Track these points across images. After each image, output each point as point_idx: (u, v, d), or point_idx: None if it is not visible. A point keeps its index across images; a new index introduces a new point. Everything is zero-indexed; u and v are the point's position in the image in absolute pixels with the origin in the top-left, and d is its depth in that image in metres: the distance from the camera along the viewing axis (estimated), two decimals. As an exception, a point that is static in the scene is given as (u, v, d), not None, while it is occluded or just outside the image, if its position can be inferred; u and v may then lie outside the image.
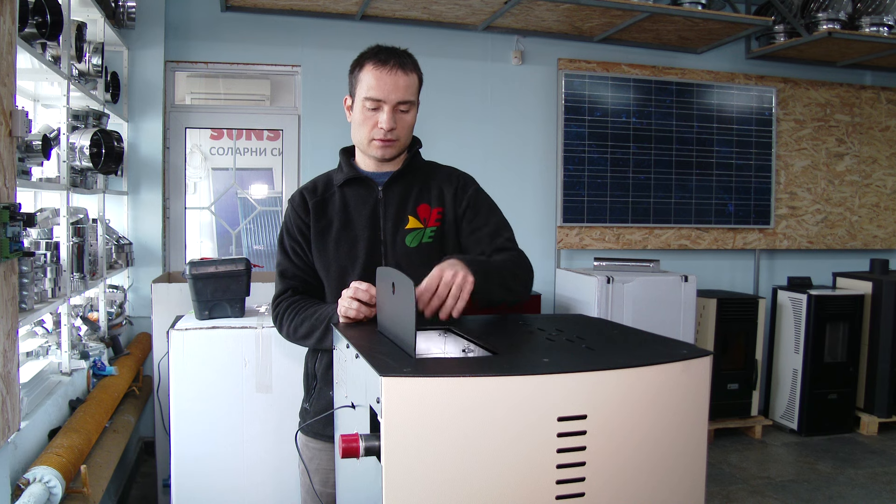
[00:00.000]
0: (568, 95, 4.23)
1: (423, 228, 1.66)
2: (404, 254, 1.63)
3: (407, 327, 1.09)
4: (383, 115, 1.58)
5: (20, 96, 2.47)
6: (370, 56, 1.60)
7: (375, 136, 1.61)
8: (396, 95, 1.58)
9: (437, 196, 1.70)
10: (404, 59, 1.60)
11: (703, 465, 1.10)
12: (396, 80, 1.57)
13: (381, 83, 1.57)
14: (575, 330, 1.36)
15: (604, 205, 4.32)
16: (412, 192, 1.68)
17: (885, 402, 4.22)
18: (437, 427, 0.93)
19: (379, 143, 1.61)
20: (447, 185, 1.72)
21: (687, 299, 3.81)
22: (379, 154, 1.64)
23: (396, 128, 1.60)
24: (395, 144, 1.63)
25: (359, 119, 1.63)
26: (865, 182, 4.89)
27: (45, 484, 1.81)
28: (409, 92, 1.60)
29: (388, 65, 1.57)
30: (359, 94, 1.61)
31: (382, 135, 1.59)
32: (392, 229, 1.65)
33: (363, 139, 1.63)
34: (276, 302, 1.66)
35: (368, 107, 1.59)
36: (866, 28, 4.19)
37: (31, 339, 2.58)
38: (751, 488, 3.40)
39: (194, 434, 2.26)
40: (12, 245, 1.64)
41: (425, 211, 1.68)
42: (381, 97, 1.57)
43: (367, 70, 1.59)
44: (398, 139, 1.62)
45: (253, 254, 4.67)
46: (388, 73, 1.57)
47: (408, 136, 1.66)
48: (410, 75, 1.60)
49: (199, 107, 4.06)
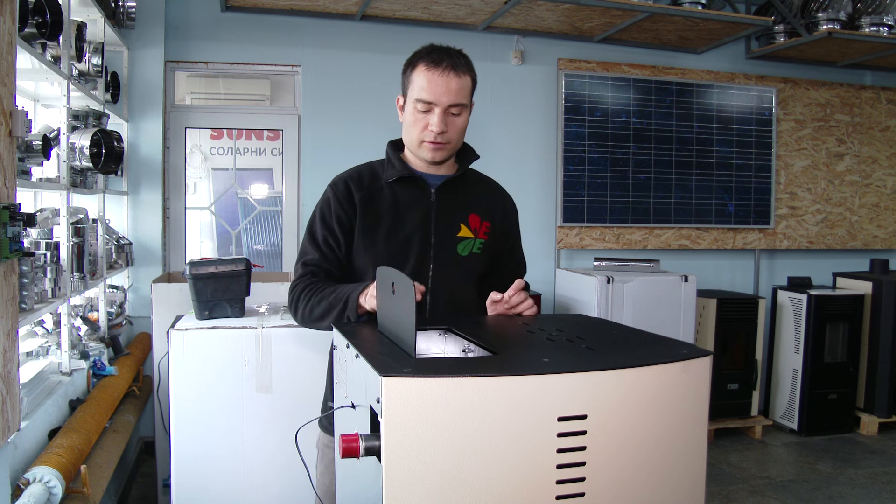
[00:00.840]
0: (568, 95, 4.23)
1: (473, 238, 1.66)
2: (454, 261, 1.63)
3: (407, 327, 1.09)
4: (434, 118, 1.56)
5: (20, 96, 2.47)
6: (423, 56, 1.58)
7: (426, 139, 1.58)
8: (448, 98, 1.55)
9: (487, 210, 1.70)
10: (457, 60, 1.57)
11: (703, 465, 1.10)
12: (448, 83, 1.54)
13: (433, 85, 1.54)
14: (575, 330, 1.36)
15: (604, 205, 4.31)
16: (465, 200, 1.67)
17: (885, 402, 4.22)
18: (437, 427, 0.93)
19: (430, 146, 1.59)
20: (497, 202, 1.74)
21: (687, 299, 3.81)
22: (429, 156, 1.61)
23: (448, 131, 1.57)
24: (447, 147, 1.61)
25: (410, 120, 1.60)
26: (865, 182, 4.89)
27: (45, 484, 1.80)
28: (462, 95, 1.57)
29: (440, 66, 1.54)
30: (410, 95, 1.59)
31: (433, 137, 1.57)
32: (444, 234, 1.64)
33: (414, 140, 1.61)
34: (293, 286, 1.62)
35: (420, 108, 1.56)
36: (866, 28, 4.19)
37: (31, 339, 2.58)
38: (751, 488, 3.40)
39: (194, 434, 2.26)
40: (12, 245, 1.64)
41: (476, 221, 1.68)
42: (433, 99, 1.55)
43: (419, 71, 1.57)
44: (449, 142, 1.60)
45: (253, 254, 4.67)
46: (441, 75, 1.54)
47: (459, 138, 1.63)
48: (463, 77, 1.57)
49: (199, 107, 4.06)
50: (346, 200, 1.63)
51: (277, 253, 4.19)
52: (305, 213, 3.98)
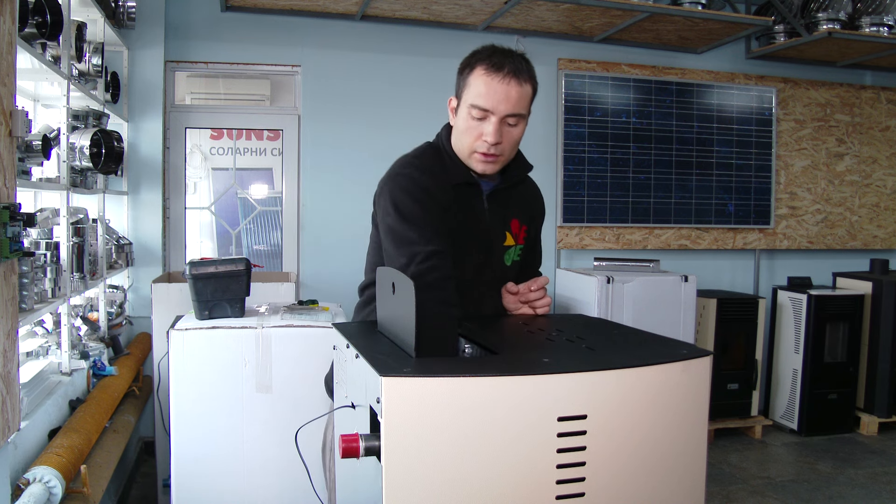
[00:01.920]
0: (568, 95, 4.23)
1: (515, 246, 1.61)
2: (502, 271, 1.59)
3: (407, 327, 1.09)
4: (489, 127, 1.44)
5: (20, 96, 2.47)
6: (483, 58, 1.45)
7: (478, 149, 1.48)
8: (506, 107, 1.43)
9: (527, 213, 1.65)
10: (520, 66, 1.45)
11: (703, 465, 1.10)
12: (508, 91, 1.42)
13: (491, 91, 1.42)
14: (575, 330, 1.36)
15: (604, 205, 4.31)
16: (510, 206, 1.60)
17: (885, 402, 4.22)
18: (437, 427, 0.93)
19: (480, 157, 1.49)
20: (535, 204, 1.69)
21: (687, 299, 3.81)
22: (479, 168, 1.51)
23: (502, 142, 1.46)
24: (499, 160, 1.50)
25: (462, 126, 1.49)
26: (865, 182, 4.89)
27: (45, 484, 1.80)
28: (521, 104, 1.45)
29: (501, 72, 1.42)
30: (465, 99, 1.47)
31: (486, 148, 1.46)
32: (494, 244, 1.58)
33: (464, 148, 1.51)
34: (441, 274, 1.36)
35: (474, 115, 1.45)
36: (866, 28, 4.19)
37: (31, 339, 2.58)
38: (751, 488, 3.40)
39: (194, 434, 2.26)
40: (12, 245, 1.64)
41: (516, 227, 1.62)
42: (490, 107, 1.43)
43: (477, 74, 1.45)
44: (502, 154, 1.49)
45: (253, 254, 4.67)
46: (501, 82, 1.42)
47: (513, 150, 1.52)
48: (524, 86, 1.45)
49: (199, 107, 4.06)
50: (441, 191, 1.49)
51: (277, 253, 4.19)
52: (305, 213, 3.99)
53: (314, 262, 3.97)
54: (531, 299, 1.52)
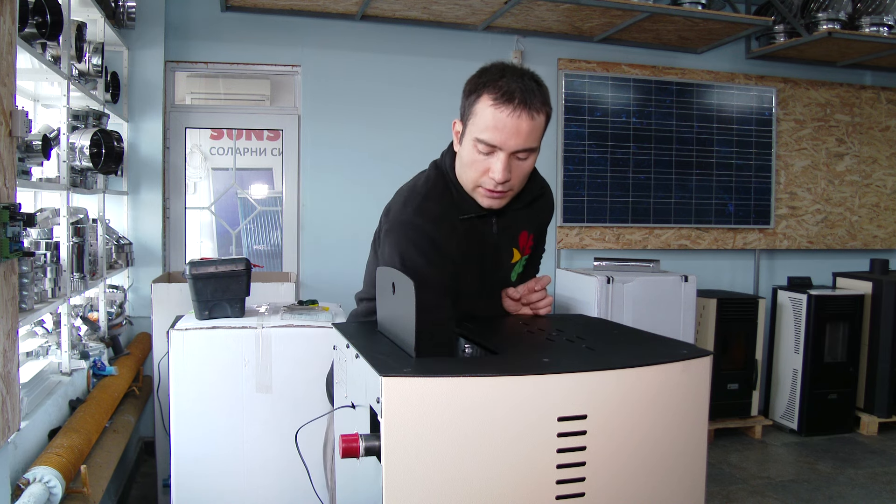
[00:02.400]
0: (568, 95, 4.23)
1: (521, 259, 1.57)
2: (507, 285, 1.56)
3: (407, 327, 1.09)
4: (497, 164, 1.32)
5: (20, 96, 2.47)
6: (491, 85, 1.31)
7: (484, 185, 1.37)
8: (516, 142, 1.30)
9: (535, 221, 1.58)
10: (532, 95, 1.30)
11: (703, 465, 1.10)
12: (519, 125, 1.29)
13: (500, 126, 1.29)
14: (575, 330, 1.36)
15: (604, 205, 4.31)
16: (518, 220, 1.52)
17: (885, 402, 4.22)
18: (437, 427, 0.93)
19: (486, 193, 1.38)
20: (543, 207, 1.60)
21: (687, 299, 3.81)
22: (485, 204, 1.41)
23: (511, 178, 1.35)
24: (506, 196, 1.40)
25: (467, 159, 1.37)
26: (865, 182, 4.89)
27: (45, 484, 1.80)
28: (532, 138, 1.32)
29: (511, 104, 1.28)
30: (471, 130, 1.34)
31: (493, 185, 1.35)
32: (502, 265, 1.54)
33: (469, 182, 1.40)
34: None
35: (481, 149, 1.33)
36: (866, 28, 4.19)
37: (31, 339, 2.58)
38: (751, 488, 3.40)
39: (194, 434, 2.26)
40: (12, 245, 1.64)
41: (524, 239, 1.56)
42: (498, 143, 1.31)
43: (484, 103, 1.31)
44: (510, 189, 1.39)
45: (253, 254, 4.67)
46: (511, 115, 1.29)
47: (522, 183, 1.41)
48: (537, 118, 1.31)
49: (199, 107, 4.05)
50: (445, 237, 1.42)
51: (277, 253, 4.19)
52: (305, 213, 3.99)
53: (314, 262, 3.97)
54: (533, 300, 1.50)
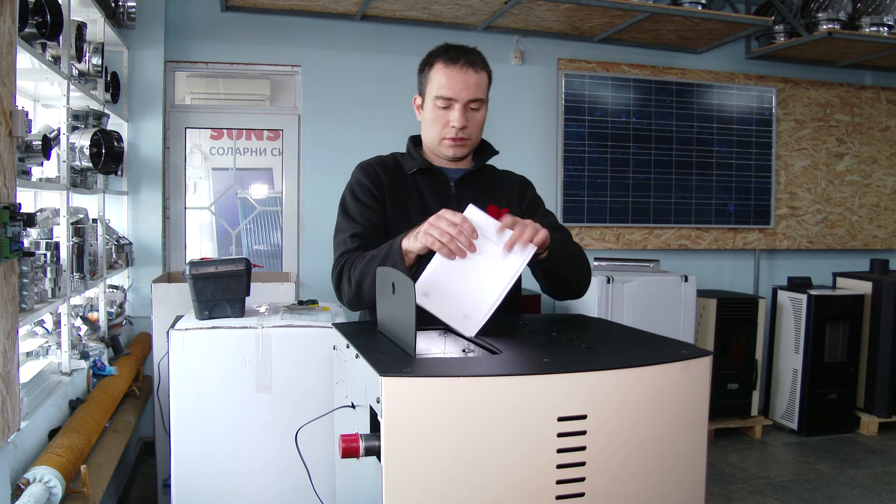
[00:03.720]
0: (568, 95, 4.23)
1: None
2: None
3: (407, 327, 1.09)
4: (455, 114, 1.59)
5: (20, 96, 2.47)
6: (440, 55, 1.62)
7: (447, 136, 1.62)
8: (468, 93, 1.59)
9: (505, 197, 1.74)
10: (474, 56, 1.62)
11: (703, 465, 1.10)
12: (467, 78, 1.59)
13: (452, 81, 1.58)
14: (575, 330, 1.36)
15: (604, 205, 4.31)
16: (482, 192, 1.71)
17: (885, 402, 4.21)
18: (437, 427, 0.93)
19: (450, 143, 1.63)
20: (513, 188, 1.79)
21: (687, 299, 3.81)
22: (451, 153, 1.65)
23: (468, 126, 1.61)
24: (467, 143, 1.65)
25: (430, 118, 1.64)
26: (865, 182, 4.89)
27: (45, 484, 1.80)
28: (480, 89, 1.62)
29: (458, 63, 1.59)
30: (429, 93, 1.62)
31: (454, 133, 1.61)
32: None
33: (434, 138, 1.65)
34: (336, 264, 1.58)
35: (440, 105, 1.60)
36: (866, 28, 4.19)
37: (31, 339, 2.58)
38: (751, 488, 3.40)
39: (194, 434, 2.25)
40: (12, 245, 1.64)
41: (494, 211, 1.63)
42: (453, 95, 1.58)
43: (437, 69, 1.60)
44: (470, 137, 1.64)
45: (253, 254, 4.67)
46: (459, 71, 1.58)
47: (478, 134, 1.68)
48: (481, 73, 1.62)
49: (199, 107, 4.05)
50: (376, 184, 1.65)
51: (277, 253, 4.19)
52: (305, 213, 3.99)
53: (314, 262, 3.97)
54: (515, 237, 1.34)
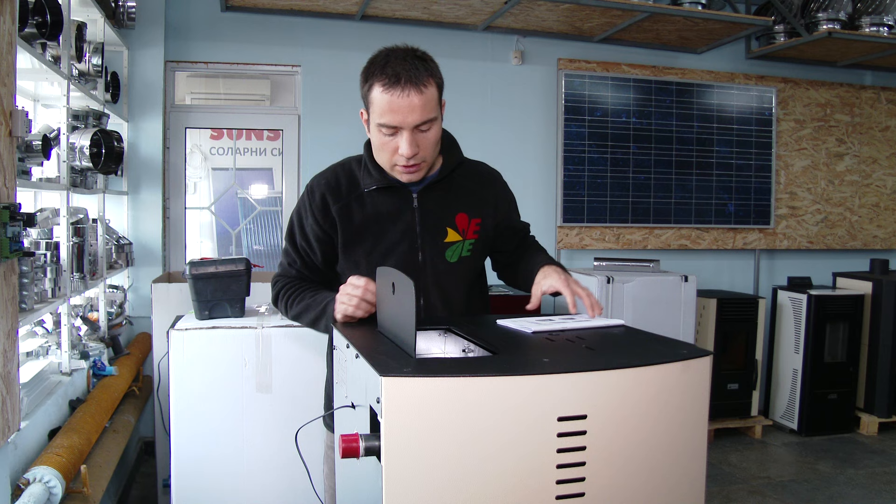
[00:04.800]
0: (568, 95, 4.23)
1: (462, 241, 1.55)
2: (445, 270, 1.53)
3: (407, 327, 1.09)
4: (402, 142, 1.40)
5: (20, 96, 2.47)
6: (378, 73, 1.40)
7: (398, 163, 1.44)
8: (413, 118, 1.38)
9: (477, 204, 1.57)
10: (416, 71, 1.37)
11: (703, 465, 1.10)
12: (411, 102, 1.36)
13: (395, 107, 1.37)
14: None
15: (604, 205, 4.31)
16: (449, 200, 1.55)
17: (885, 402, 4.21)
18: (437, 427, 0.93)
19: (402, 169, 1.46)
20: (487, 192, 1.61)
21: (687, 299, 3.81)
22: (405, 179, 1.48)
23: (420, 150, 1.42)
24: (422, 167, 1.47)
25: (377, 143, 1.46)
26: (865, 182, 4.89)
27: (45, 484, 1.80)
28: (428, 109, 1.40)
29: (398, 85, 1.36)
30: (372, 118, 1.43)
31: (405, 161, 1.43)
32: (431, 243, 1.52)
33: (386, 164, 1.48)
34: (275, 279, 1.62)
35: (385, 132, 1.41)
36: (866, 28, 4.19)
37: (31, 339, 2.58)
38: (751, 488, 3.40)
39: (194, 434, 2.26)
40: (12, 245, 1.64)
41: (464, 221, 1.55)
42: (397, 123, 1.38)
43: (376, 91, 1.39)
44: (424, 160, 1.46)
45: (253, 254, 4.67)
46: (401, 96, 1.36)
47: (434, 152, 1.48)
48: (427, 90, 1.39)
49: (199, 107, 4.06)
50: (323, 215, 1.52)
51: (277, 253, 4.19)
52: (305, 213, 3.98)
53: (314, 262, 3.97)
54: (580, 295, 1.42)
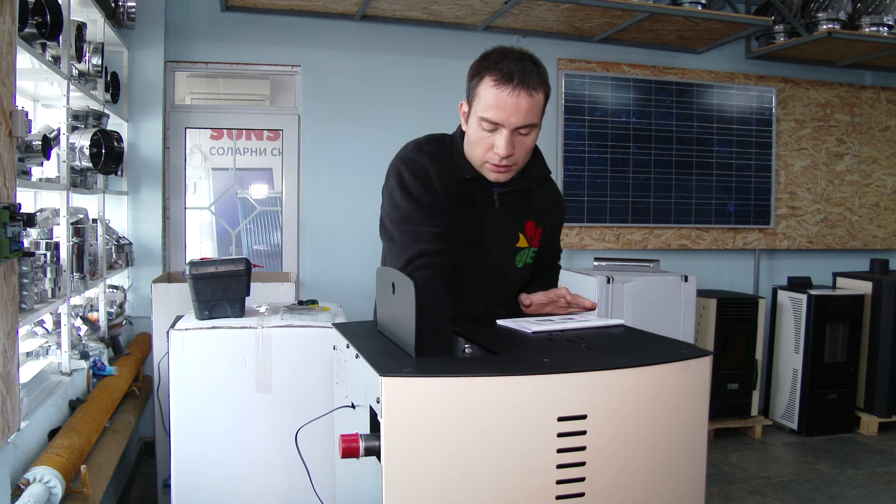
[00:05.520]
0: (568, 95, 4.23)
1: (528, 248, 1.60)
2: (511, 272, 1.58)
3: (407, 327, 1.09)
4: (500, 140, 1.41)
5: (20, 96, 2.47)
6: (492, 66, 1.40)
7: (490, 160, 1.46)
8: (517, 119, 1.39)
9: (543, 215, 1.63)
10: (530, 75, 1.39)
11: (703, 465, 1.10)
12: (519, 103, 1.38)
13: (501, 104, 1.38)
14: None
15: (604, 205, 4.31)
16: (524, 207, 1.59)
17: (885, 402, 4.21)
18: (437, 427, 0.93)
19: (492, 168, 1.48)
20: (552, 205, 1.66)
21: (687, 299, 3.81)
22: (492, 178, 1.50)
23: (514, 153, 1.44)
24: (512, 169, 1.49)
25: (473, 137, 1.46)
26: (865, 182, 4.89)
27: (45, 484, 1.80)
28: (533, 114, 1.41)
29: (510, 84, 1.37)
30: (475, 110, 1.43)
31: (497, 160, 1.45)
32: (505, 245, 1.57)
33: (476, 159, 1.49)
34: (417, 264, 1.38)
35: (485, 127, 1.42)
36: (866, 28, 4.19)
37: (31, 339, 2.58)
38: (751, 488, 3.40)
39: (194, 434, 2.26)
40: (12, 245, 1.64)
41: (531, 229, 1.60)
42: (500, 120, 1.40)
43: (486, 85, 1.40)
44: (515, 164, 1.48)
45: (253, 254, 4.67)
46: (511, 94, 1.37)
47: (526, 158, 1.50)
48: (535, 95, 1.40)
49: (199, 107, 4.06)
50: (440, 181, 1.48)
51: (277, 253, 4.19)
52: (305, 213, 3.99)
53: (314, 262, 3.97)
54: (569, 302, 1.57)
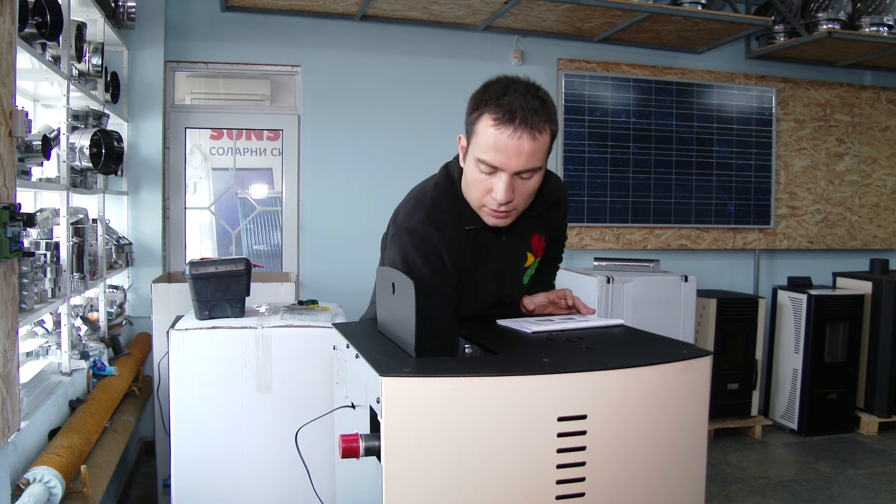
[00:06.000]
0: (568, 95, 4.23)
1: (534, 262, 1.57)
2: (520, 291, 1.57)
3: (407, 327, 1.09)
4: (499, 185, 1.28)
5: (20, 96, 2.47)
6: (492, 103, 1.25)
7: (488, 205, 1.34)
8: (518, 163, 1.25)
9: (546, 222, 1.54)
10: (535, 114, 1.23)
11: (703, 465, 1.10)
12: (521, 146, 1.23)
13: (501, 147, 1.24)
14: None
15: (604, 205, 4.31)
16: (528, 227, 1.50)
17: (885, 402, 4.21)
18: (437, 427, 0.93)
19: (490, 213, 1.35)
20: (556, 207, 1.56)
21: (687, 299, 3.81)
22: (490, 223, 1.38)
23: (514, 198, 1.31)
24: (511, 214, 1.37)
25: (470, 177, 1.33)
26: (865, 182, 4.89)
27: (45, 484, 1.80)
28: (536, 157, 1.26)
29: (511, 124, 1.22)
30: (472, 150, 1.30)
31: (495, 206, 1.32)
32: (514, 272, 1.53)
33: (474, 201, 1.37)
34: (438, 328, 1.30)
35: (482, 169, 1.28)
36: (866, 28, 4.19)
37: (31, 339, 2.58)
38: (751, 488, 3.40)
39: (194, 434, 2.26)
40: (12, 245, 1.64)
41: (537, 241, 1.55)
42: (499, 164, 1.26)
43: (485, 123, 1.25)
44: (515, 209, 1.35)
45: (253, 254, 4.67)
46: (511, 137, 1.23)
47: (527, 201, 1.37)
48: (539, 137, 1.25)
49: (199, 107, 4.06)
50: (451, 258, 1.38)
51: (277, 253, 4.19)
52: (305, 213, 3.99)
53: (314, 262, 3.97)
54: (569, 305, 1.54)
